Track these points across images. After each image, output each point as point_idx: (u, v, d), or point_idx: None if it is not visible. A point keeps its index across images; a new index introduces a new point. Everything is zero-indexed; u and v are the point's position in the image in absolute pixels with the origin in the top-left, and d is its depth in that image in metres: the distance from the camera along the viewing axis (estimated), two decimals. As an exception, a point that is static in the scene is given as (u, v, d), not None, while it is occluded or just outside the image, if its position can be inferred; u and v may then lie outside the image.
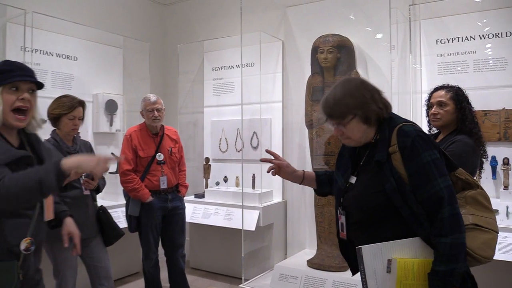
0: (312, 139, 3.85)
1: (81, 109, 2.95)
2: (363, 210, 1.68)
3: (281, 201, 4.56)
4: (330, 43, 3.75)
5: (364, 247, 1.60)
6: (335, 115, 1.70)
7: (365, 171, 1.73)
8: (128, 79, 5.07)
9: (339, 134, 1.75)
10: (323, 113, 1.77)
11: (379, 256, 1.59)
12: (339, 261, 3.67)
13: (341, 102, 1.68)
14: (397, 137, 1.63)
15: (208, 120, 5.15)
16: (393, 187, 1.59)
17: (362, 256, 1.60)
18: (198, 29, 5.42)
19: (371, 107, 1.67)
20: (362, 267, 1.60)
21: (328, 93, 1.75)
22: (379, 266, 1.59)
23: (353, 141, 1.74)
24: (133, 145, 3.60)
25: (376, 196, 1.63)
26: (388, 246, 1.59)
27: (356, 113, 1.67)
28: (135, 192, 3.53)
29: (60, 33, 4.33)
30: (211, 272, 4.86)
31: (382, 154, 1.64)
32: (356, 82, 1.73)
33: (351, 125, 1.69)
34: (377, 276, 1.59)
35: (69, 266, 2.89)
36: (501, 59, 3.54)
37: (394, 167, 1.61)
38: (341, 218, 1.80)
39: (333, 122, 1.73)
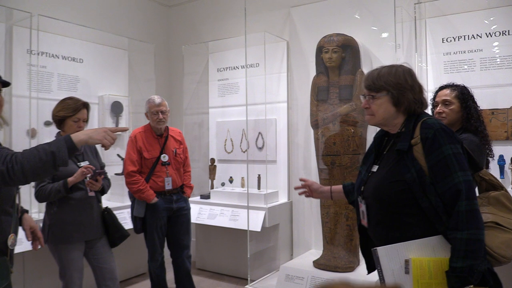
0: (318, 139, 3.83)
1: (86, 111, 2.97)
2: (380, 198, 1.70)
3: (287, 202, 4.55)
4: (334, 43, 3.73)
5: (379, 249, 1.61)
6: (372, 87, 1.76)
7: (386, 161, 1.76)
8: (133, 81, 5.09)
9: (365, 107, 1.80)
10: (363, 83, 1.83)
11: (395, 257, 1.59)
12: (345, 261, 3.65)
13: (383, 77, 1.74)
14: (420, 129, 1.66)
15: (213, 121, 5.15)
16: (413, 178, 1.60)
17: (379, 257, 1.60)
18: (203, 30, 5.43)
19: (407, 94, 1.71)
20: (380, 268, 1.60)
21: (375, 68, 1.83)
22: (396, 267, 1.59)
23: (374, 119, 1.79)
24: (137, 146, 3.61)
25: (394, 185, 1.65)
26: (404, 246, 1.59)
27: (391, 92, 1.71)
28: (140, 193, 3.54)
29: (66, 35, 4.36)
30: (217, 273, 4.86)
31: (403, 144, 1.67)
32: (404, 68, 1.78)
33: (381, 101, 1.74)
34: (396, 277, 1.58)
35: (75, 268, 2.89)
36: (508, 57, 3.50)
37: (416, 158, 1.63)
38: (361, 206, 1.83)
39: (367, 93, 1.79)
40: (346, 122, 3.70)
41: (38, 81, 4.03)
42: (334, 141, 3.73)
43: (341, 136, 3.71)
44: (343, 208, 3.74)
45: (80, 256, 2.95)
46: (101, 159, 3.25)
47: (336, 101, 3.78)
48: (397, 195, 1.64)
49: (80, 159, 2.99)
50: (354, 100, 3.70)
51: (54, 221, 2.87)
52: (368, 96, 1.78)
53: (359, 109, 3.68)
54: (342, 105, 3.73)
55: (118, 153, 4.68)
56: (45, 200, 2.87)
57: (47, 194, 2.79)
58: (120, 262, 4.54)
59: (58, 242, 2.87)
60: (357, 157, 3.70)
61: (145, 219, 3.62)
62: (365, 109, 1.81)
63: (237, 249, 4.61)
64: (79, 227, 2.89)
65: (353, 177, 3.72)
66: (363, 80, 1.83)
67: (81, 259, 2.96)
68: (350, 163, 3.70)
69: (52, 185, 2.81)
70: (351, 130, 3.68)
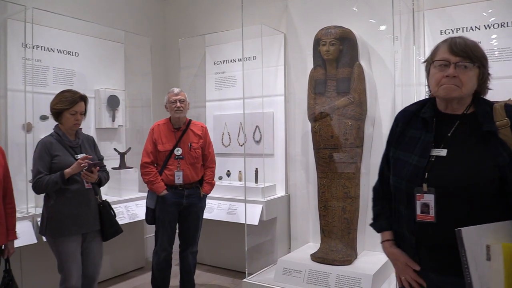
0: (315, 132, 3.81)
1: (83, 104, 2.97)
2: (471, 185, 1.50)
3: (284, 195, 4.54)
4: (332, 35, 3.70)
5: (464, 230, 1.43)
6: (470, 55, 1.58)
7: (460, 145, 1.59)
8: (129, 74, 5.06)
9: (452, 76, 1.58)
10: (452, 49, 1.60)
11: (478, 240, 1.44)
12: (343, 254, 3.65)
13: (479, 49, 1.61)
14: (507, 112, 1.56)
15: (210, 115, 5.12)
16: (506, 161, 1.49)
17: (463, 239, 1.43)
18: (199, 23, 5.39)
19: (488, 72, 1.64)
20: (464, 252, 1.43)
21: (459, 36, 1.65)
22: (478, 252, 1.44)
23: (459, 91, 1.59)
24: (154, 138, 3.65)
25: (489, 171, 1.50)
26: (487, 228, 1.44)
27: (482, 67, 1.60)
28: (150, 184, 3.60)
29: (61, 29, 4.32)
30: (214, 266, 4.87)
31: (491, 125, 1.54)
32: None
33: (473, 73, 1.59)
34: (477, 263, 1.43)
35: (72, 260, 2.91)
36: (507, 49, 3.48)
37: (505, 142, 1.51)
38: (422, 197, 1.59)
39: (460, 60, 1.58)
40: (343, 115, 3.68)
41: (34, 75, 3.99)
42: (331, 134, 3.72)
43: (339, 129, 3.69)
44: (341, 202, 3.73)
45: (78, 248, 2.96)
46: (99, 152, 3.25)
47: (334, 94, 3.76)
48: (492, 182, 1.49)
49: (78, 151, 3.00)
50: (352, 93, 3.68)
51: (51, 214, 2.88)
52: (461, 64, 1.57)
53: (357, 102, 3.67)
54: (340, 98, 3.71)
55: (115, 147, 4.65)
56: (42, 192, 2.89)
57: (44, 186, 2.81)
58: (118, 255, 4.57)
59: (56, 235, 2.89)
60: (355, 150, 3.69)
61: (155, 211, 3.64)
62: (450, 78, 1.58)
63: (234, 243, 4.61)
64: (76, 220, 2.90)
65: (350, 171, 3.71)
66: (453, 45, 1.60)
67: (79, 251, 2.97)
68: (347, 156, 3.69)
69: (49, 177, 2.82)
70: (349, 123, 3.67)
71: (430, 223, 1.58)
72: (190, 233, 3.74)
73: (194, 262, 3.85)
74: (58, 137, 2.94)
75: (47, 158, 2.86)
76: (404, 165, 1.68)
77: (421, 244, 1.64)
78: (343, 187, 3.72)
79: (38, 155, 2.88)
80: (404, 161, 1.68)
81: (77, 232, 2.93)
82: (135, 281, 4.49)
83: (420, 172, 1.61)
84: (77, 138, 3.04)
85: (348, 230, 3.72)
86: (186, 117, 3.79)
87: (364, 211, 3.84)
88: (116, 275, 4.56)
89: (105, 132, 4.73)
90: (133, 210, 4.47)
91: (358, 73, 3.70)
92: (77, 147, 3.01)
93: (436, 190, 1.56)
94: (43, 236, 3.00)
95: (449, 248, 1.51)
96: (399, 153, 1.72)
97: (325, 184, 3.80)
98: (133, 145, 4.90)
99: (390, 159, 1.78)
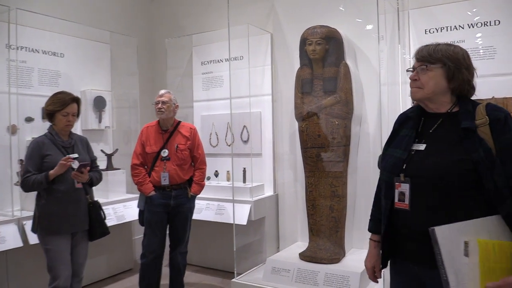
0: (302, 131, 3.82)
1: (75, 106, 3.06)
2: (442, 176, 1.59)
3: (273, 195, 4.55)
4: (318, 35, 3.72)
5: (437, 229, 1.49)
6: (427, 58, 1.70)
7: (438, 140, 1.69)
8: (116, 75, 5.02)
9: (413, 80, 1.72)
10: (415, 55, 1.76)
11: (453, 238, 1.50)
12: (331, 253, 3.66)
13: (441, 50, 1.69)
14: (487, 111, 1.62)
15: (198, 115, 5.11)
16: (481, 157, 1.55)
17: (437, 237, 1.49)
18: (186, 23, 5.37)
19: (463, 72, 1.68)
20: (438, 250, 1.49)
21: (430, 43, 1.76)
22: (454, 249, 1.49)
23: (421, 92, 1.71)
24: (142, 140, 3.70)
25: (460, 164, 1.57)
26: (461, 226, 1.50)
27: (448, 65, 1.67)
28: (139, 185, 3.65)
29: (46, 29, 4.28)
30: (203, 267, 4.86)
31: (470, 123, 1.61)
32: (463, 48, 1.74)
33: (434, 73, 1.69)
34: (454, 260, 1.49)
35: (62, 260, 2.94)
36: (490, 48, 3.53)
37: (482, 139, 1.58)
38: (400, 186, 1.71)
39: (418, 65, 1.72)
40: (330, 114, 3.70)
41: (18, 76, 3.95)
42: (319, 134, 3.73)
43: (326, 128, 3.71)
44: (328, 200, 3.75)
45: (68, 248, 2.99)
46: (92, 152, 3.31)
47: (321, 93, 3.78)
48: (462, 175, 1.56)
49: (70, 151, 3.06)
50: (338, 92, 3.70)
51: (42, 212, 2.95)
52: (419, 67, 1.71)
53: (343, 101, 3.69)
54: (327, 97, 3.73)
55: (101, 149, 4.62)
56: (29, 190, 2.99)
57: (31, 185, 2.90)
58: (106, 257, 4.54)
59: (46, 234, 2.95)
60: (342, 149, 3.71)
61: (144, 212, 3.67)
62: (412, 81, 1.73)
63: (223, 243, 4.61)
64: (66, 219, 2.96)
65: (337, 170, 3.73)
66: (415, 52, 1.76)
67: (68, 251, 3.01)
68: (334, 155, 3.71)
69: (35, 177, 2.89)
70: (336, 122, 3.68)
71: (405, 211, 1.69)
72: (178, 233, 3.74)
73: (183, 262, 3.84)
74: (51, 137, 3.01)
75: (38, 157, 2.94)
76: (390, 158, 1.80)
77: (401, 234, 1.73)
78: (331, 186, 3.74)
79: (29, 155, 2.96)
80: (391, 155, 1.80)
81: (67, 231, 2.98)
82: (123, 283, 4.47)
83: (400, 163, 1.73)
84: (70, 138, 3.12)
85: (336, 228, 3.74)
86: (175, 118, 3.79)
87: (351, 209, 3.87)
88: (104, 277, 4.53)
89: (91, 133, 4.69)
90: (120, 211, 4.44)
91: (345, 72, 3.72)
92: (69, 147, 3.07)
93: (411, 180, 1.67)
94: (34, 233, 3.04)
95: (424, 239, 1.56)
96: (389, 149, 1.84)
97: (312, 183, 3.82)
98: (120, 146, 4.87)
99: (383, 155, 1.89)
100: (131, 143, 5.01)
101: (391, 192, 1.73)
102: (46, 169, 2.91)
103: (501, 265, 1.47)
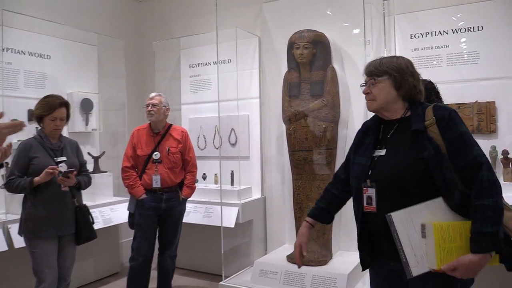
0: (290, 134, 3.85)
1: (64, 110, 3.04)
2: (400, 177, 1.72)
3: (260, 197, 4.56)
4: (305, 39, 3.75)
5: (394, 214, 1.65)
6: (374, 72, 1.84)
7: (395, 144, 1.82)
8: (103, 77, 4.99)
9: (366, 93, 1.87)
10: (364, 71, 1.91)
11: (410, 222, 1.64)
12: (318, 255, 3.69)
13: (385, 63, 1.84)
14: (434, 111, 1.76)
15: (186, 118, 5.11)
16: (431, 154, 1.67)
17: (394, 223, 1.64)
18: (174, 25, 5.37)
19: (408, 79, 1.81)
20: (396, 235, 1.65)
21: (375, 58, 1.92)
22: (411, 232, 1.63)
23: (375, 104, 1.85)
24: (133, 143, 3.68)
25: (414, 164, 1.70)
26: (416, 210, 1.63)
27: (393, 76, 1.80)
28: (130, 188, 3.62)
29: (32, 31, 4.24)
30: (191, 270, 4.85)
31: (419, 125, 1.74)
32: (405, 58, 1.89)
33: (383, 85, 1.82)
34: (412, 242, 1.63)
35: (47, 264, 2.92)
36: (474, 53, 3.60)
37: (432, 138, 1.70)
38: (367, 191, 1.83)
39: (368, 79, 1.86)
40: (317, 118, 3.73)
41: (4, 78, 3.91)
42: (306, 137, 3.76)
43: (313, 132, 3.74)
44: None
45: (54, 251, 2.98)
46: (82, 156, 3.31)
47: (308, 96, 3.81)
48: (417, 174, 1.69)
49: (59, 154, 3.05)
50: (325, 96, 3.73)
51: (28, 215, 2.94)
52: (369, 81, 1.85)
53: (330, 104, 3.72)
54: (314, 101, 3.76)
55: (88, 151, 4.59)
56: (13, 192, 3.00)
57: (14, 188, 2.90)
58: (93, 261, 4.50)
59: (32, 237, 2.93)
60: (329, 152, 3.74)
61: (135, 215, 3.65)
62: (366, 95, 1.87)
63: (211, 246, 4.60)
64: (52, 222, 2.94)
65: (324, 172, 3.76)
66: (364, 68, 1.91)
67: (55, 254, 3.00)
68: (321, 158, 3.74)
69: (19, 181, 2.89)
70: (323, 126, 3.72)
71: (373, 213, 1.81)
72: (168, 236, 3.73)
73: (172, 266, 3.84)
74: (40, 140, 3.01)
75: (24, 160, 2.93)
76: (356, 166, 1.93)
77: (375, 234, 1.84)
78: (318, 188, 3.76)
79: (16, 157, 2.95)
80: (357, 163, 1.93)
81: (53, 234, 2.96)
82: (110, 286, 4.44)
83: (365, 170, 1.85)
84: (60, 141, 3.10)
85: (323, 231, 3.77)
86: (166, 121, 3.79)
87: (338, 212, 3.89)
88: (91, 280, 4.49)
89: (78, 136, 4.64)
90: (107, 215, 4.41)
91: (332, 76, 3.76)
92: (58, 150, 3.06)
93: (376, 184, 1.80)
94: (21, 236, 3.03)
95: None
96: (356, 157, 1.95)
97: (300, 185, 3.84)
98: (107, 149, 4.85)
99: (350, 164, 2.01)
100: (118, 146, 4.99)
101: (360, 197, 1.86)
102: (33, 172, 2.89)
103: (456, 244, 1.59)
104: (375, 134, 1.91)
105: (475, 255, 1.56)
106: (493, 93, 3.48)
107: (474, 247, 1.57)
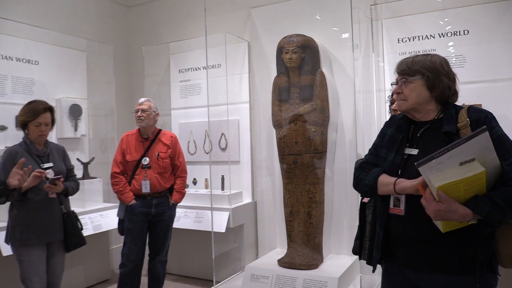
0: (280, 139, 3.86)
1: (48, 115, 2.99)
2: None
3: (251, 202, 4.56)
4: (294, 43, 3.77)
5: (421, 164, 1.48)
6: (406, 71, 1.77)
7: (426, 144, 1.74)
8: (92, 83, 4.97)
9: (397, 92, 1.79)
10: (396, 69, 1.82)
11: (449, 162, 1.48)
12: (309, 259, 3.69)
13: (418, 62, 1.75)
14: (468, 113, 1.68)
15: (176, 123, 5.10)
16: None
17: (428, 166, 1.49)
18: (163, 31, 5.37)
19: (443, 79, 1.73)
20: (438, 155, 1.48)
21: (408, 56, 1.83)
22: (449, 163, 1.48)
23: (406, 104, 1.77)
24: (122, 148, 3.66)
25: None
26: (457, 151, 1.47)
27: (426, 76, 1.72)
28: (119, 194, 3.60)
29: (20, 36, 4.21)
30: (182, 275, 4.83)
31: (451, 127, 1.67)
32: (440, 56, 1.80)
33: (415, 85, 1.74)
34: (448, 161, 1.47)
35: (34, 271, 2.89)
36: (460, 57, 3.65)
37: None
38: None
39: (399, 78, 1.79)
40: (307, 122, 3.75)
41: (-9, 84, 3.88)
42: (296, 141, 3.78)
43: (303, 136, 3.75)
44: (306, 207, 3.78)
45: (42, 259, 2.94)
46: (69, 161, 3.26)
47: (297, 101, 3.82)
48: None
49: (45, 160, 3.01)
50: (315, 100, 3.75)
51: (14, 223, 2.89)
52: (401, 80, 1.78)
53: (320, 108, 3.74)
54: (303, 105, 3.78)
55: (77, 157, 4.56)
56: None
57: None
58: (83, 268, 4.46)
59: (19, 245, 2.89)
60: (319, 156, 3.76)
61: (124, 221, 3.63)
62: (396, 95, 1.80)
63: (202, 251, 4.59)
64: (39, 229, 2.90)
65: (315, 176, 3.77)
66: (396, 66, 1.83)
67: (43, 262, 2.96)
68: (311, 162, 3.75)
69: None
70: (312, 129, 3.73)
71: (400, 216, 1.71)
72: (158, 241, 3.71)
73: (163, 271, 3.81)
74: (25, 146, 2.96)
75: (10, 167, 2.84)
76: (383, 162, 1.83)
77: (395, 239, 1.76)
78: (308, 192, 3.78)
79: (2, 165, 2.90)
80: (384, 158, 1.84)
81: (40, 241, 2.92)
82: (100, 293, 4.41)
83: (395, 168, 1.76)
84: (46, 147, 3.05)
85: (314, 234, 3.78)
86: (156, 127, 3.78)
87: (329, 215, 3.91)
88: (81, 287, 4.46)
89: (67, 142, 4.62)
90: (97, 221, 4.38)
91: (321, 80, 3.78)
92: (44, 156, 3.02)
93: None
94: (8, 244, 2.98)
95: (421, 243, 1.63)
96: (383, 150, 1.87)
97: (290, 189, 3.85)
98: (97, 154, 4.82)
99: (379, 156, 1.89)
100: (107, 152, 4.96)
101: (387, 197, 1.76)
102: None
103: (462, 190, 1.50)
104: (405, 132, 1.83)
105: (465, 208, 1.51)
106: (480, 96, 3.52)
107: (473, 203, 1.51)
